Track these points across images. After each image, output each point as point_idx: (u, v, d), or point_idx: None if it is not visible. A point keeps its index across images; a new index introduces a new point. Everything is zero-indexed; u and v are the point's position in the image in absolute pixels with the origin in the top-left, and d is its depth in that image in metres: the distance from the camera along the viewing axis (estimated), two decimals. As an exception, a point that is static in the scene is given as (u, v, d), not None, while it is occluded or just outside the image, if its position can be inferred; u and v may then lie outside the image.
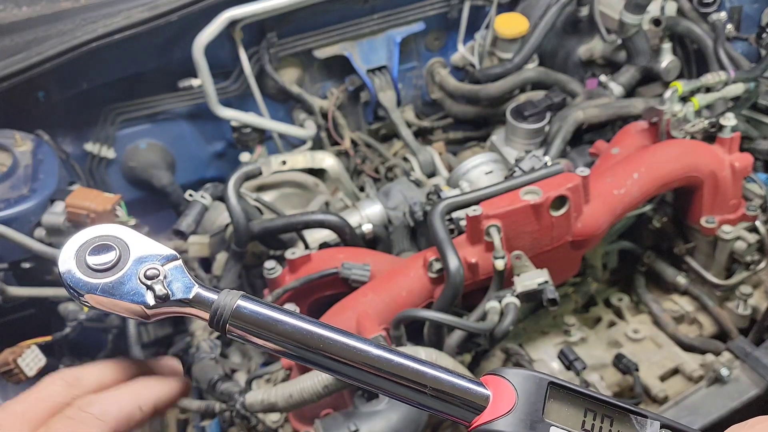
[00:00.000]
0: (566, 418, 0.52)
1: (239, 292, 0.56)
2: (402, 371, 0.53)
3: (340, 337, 0.54)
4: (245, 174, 1.84)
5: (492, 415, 0.52)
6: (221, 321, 0.54)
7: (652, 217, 1.97)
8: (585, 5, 2.33)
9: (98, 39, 1.89)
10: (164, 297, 0.54)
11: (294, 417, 1.54)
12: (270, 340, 0.54)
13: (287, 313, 0.55)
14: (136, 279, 0.54)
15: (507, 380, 0.53)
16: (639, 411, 0.52)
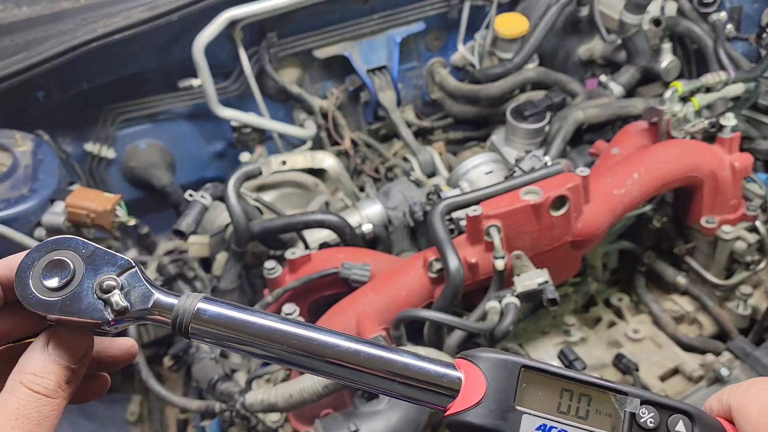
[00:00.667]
0: (541, 402, 0.51)
1: (200, 295, 0.54)
2: (370, 362, 0.52)
3: (305, 332, 0.53)
4: (245, 174, 1.84)
5: (462, 405, 0.51)
6: (182, 326, 0.53)
7: (652, 217, 1.97)
8: (585, 5, 2.33)
9: (98, 39, 1.89)
10: (122, 310, 0.52)
11: (294, 417, 1.54)
12: (234, 341, 0.53)
13: (251, 312, 0.54)
14: (92, 293, 0.52)
15: (477, 367, 0.52)
16: (618, 388, 0.51)
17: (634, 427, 0.50)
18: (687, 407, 0.51)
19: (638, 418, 0.50)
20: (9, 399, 0.49)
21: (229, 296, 1.85)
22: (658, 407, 0.51)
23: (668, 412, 0.51)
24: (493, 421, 0.50)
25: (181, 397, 1.62)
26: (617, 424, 0.50)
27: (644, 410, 0.51)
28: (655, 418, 0.51)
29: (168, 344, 1.95)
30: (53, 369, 0.50)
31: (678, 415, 0.51)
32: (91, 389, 0.59)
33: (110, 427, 1.94)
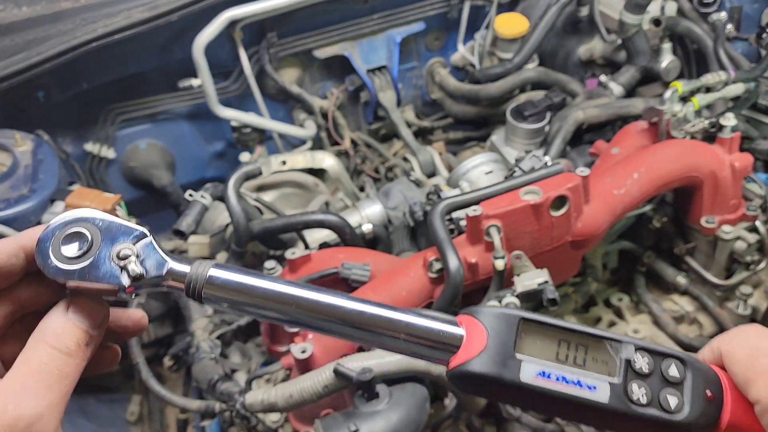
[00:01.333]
0: (539, 350, 0.52)
1: (211, 261, 0.57)
2: (375, 322, 0.54)
3: (311, 295, 0.55)
4: (245, 174, 1.84)
5: (465, 356, 0.52)
6: (196, 291, 0.56)
7: (652, 217, 1.97)
8: (585, 5, 2.33)
9: (98, 39, 1.89)
10: (138, 276, 0.55)
11: (294, 417, 1.54)
12: (244, 304, 0.55)
13: (259, 277, 0.56)
14: (110, 261, 0.55)
15: (478, 320, 0.54)
16: (613, 336, 0.53)
17: (630, 372, 0.52)
18: (680, 354, 0.53)
19: (633, 363, 0.52)
20: (31, 355, 0.51)
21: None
22: (651, 353, 0.53)
23: (661, 357, 0.53)
24: (494, 369, 0.51)
25: (181, 397, 1.62)
26: (614, 370, 0.52)
27: (639, 356, 0.53)
28: (649, 363, 0.53)
29: (168, 344, 1.95)
30: (73, 331, 0.53)
31: (671, 359, 0.53)
32: (103, 359, 0.61)
33: (110, 427, 1.94)
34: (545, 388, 0.51)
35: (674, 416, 0.51)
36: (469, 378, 0.52)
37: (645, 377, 0.52)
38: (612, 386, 0.51)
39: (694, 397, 0.52)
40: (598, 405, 0.51)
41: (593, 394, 0.51)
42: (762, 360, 0.51)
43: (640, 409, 0.51)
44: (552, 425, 1.69)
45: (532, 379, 0.51)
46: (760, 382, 0.50)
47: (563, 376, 0.51)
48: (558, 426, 1.68)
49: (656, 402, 0.51)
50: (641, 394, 0.51)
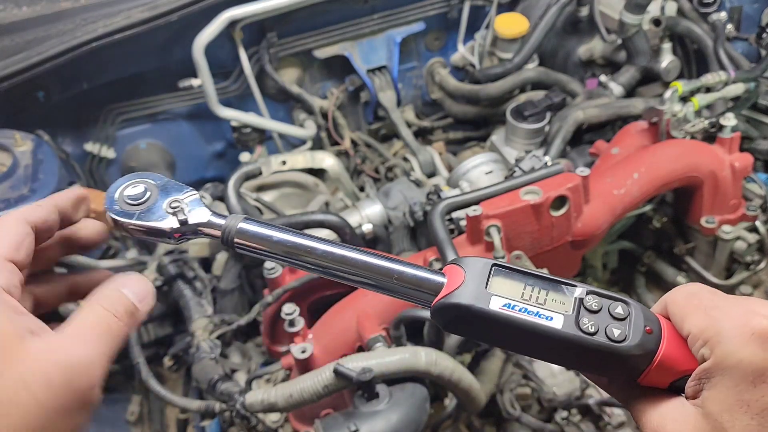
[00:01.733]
0: (507, 289, 0.62)
1: (243, 216, 0.69)
2: (373, 268, 0.65)
3: (324, 246, 0.66)
4: (245, 174, 1.84)
5: (445, 293, 0.63)
6: (229, 239, 0.67)
7: (652, 217, 1.97)
8: (585, 5, 2.33)
9: (98, 39, 1.89)
10: (184, 221, 0.68)
11: (294, 417, 1.54)
12: (267, 252, 0.67)
13: (281, 230, 0.67)
14: (163, 209, 0.68)
15: (459, 266, 0.64)
16: (568, 282, 0.63)
17: (582, 309, 0.61)
18: (625, 297, 0.63)
19: (585, 302, 0.62)
20: (87, 314, 0.60)
21: (229, 296, 1.85)
22: (601, 296, 0.63)
23: (609, 300, 0.62)
24: (468, 300, 0.61)
25: (181, 397, 1.62)
26: (569, 308, 0.62)
27: (590, 297, 0.62)
28: (598, 303, 0.62)
29: (168, 344, 1.95)
30: (123, 300, 0.63)
31: (618, 302, 0.62)
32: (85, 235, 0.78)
33: (110, 427, 1.94)
34: (509, 316, 0.61)
35: (618, 344, 0.59)
36: (446, 309, 0.62)
37: (594, 313, 0.61)
38: (565, 317, 0.61)
39: (635, 330, 0.60)
40: (552, 331, 0.60)
41: (549, 323, 0.60)
42: (695, 300, 0.60)
43: (588, 336, 0.60)
44: (551, 425, 1.69)
45: (498, 308, 0.61)
46: (692, 317, 0.59)
47: (525, 308, 0.61)
48: (558, 426, 1.68)
49: (603, 332, 0.60)
50: (590, 325, 0.60)
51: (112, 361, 0.60)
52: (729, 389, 0.54)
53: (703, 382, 0.56)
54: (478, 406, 1.55)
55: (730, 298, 0.59)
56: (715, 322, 0.56)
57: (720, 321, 0.56)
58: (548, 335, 0.60)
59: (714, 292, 0.60)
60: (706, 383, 0.56)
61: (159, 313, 1.96)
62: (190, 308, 1.77)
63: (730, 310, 0.57)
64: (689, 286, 0.62)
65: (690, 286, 0.63)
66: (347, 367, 1.33)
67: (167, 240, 0.69)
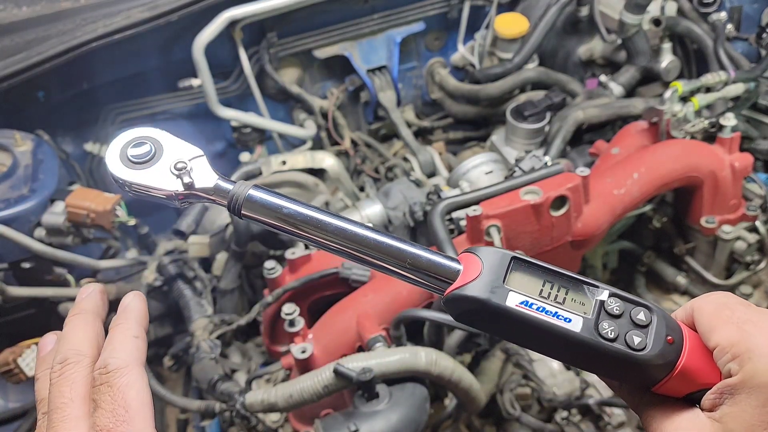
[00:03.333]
0: (525, 285, 0.59)
1: (251, 183, 0.64)
2: (386, 249, 0.62)
3: (333, 220, 0.62)
4: (245, 174, 1.84)
5: (460, 284, 0.60)
6: (236, 206, 0.63)
7: (652, 217, 1.97)
8: (585, 5, 2.33)
9: (98, 39, 1.89)
10: (189, 185, 0.64)
11: (294, 417, 1.54)
12: (276, 221, 0.63)
13: (290, 200, 0.63)
14: (168, 170, 0.64)
15: (476, 255, 0.61)
16: (591, 282, 0.60)
17: (602, 312, 0.59)
18: (649, 303, 0.60)
19: (606, 305, 0.59)
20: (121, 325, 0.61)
21: (229, 296, 1.85)
22: (623, 300, 0.60)
23: (632, 305, 0.60)
24: (484, 294, 0.58)
25: (181, 397, 1.62)
26: (588, 309, 0.59)
27: (612, 300, 0.59)
28: (620, 307, 0.59)
29: (168, 344, 1.95)
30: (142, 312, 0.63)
31: (640, 307, 0.59)
32: None
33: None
34: (526, 315, 0.58)
35: (637, 353, 0.57)
36: (461, 301, 0.59)
37: (615, 317, 0.58)
38: (585, 320, 0.58)
39: (657, 339, 0.58)
40: (570, 334, 0.57)
41: (567, 325, 0.58)
42: (725, 312, 0.57)
43: (607, 342, 0.57)
44: (551, 425, 1.69)
45: (515, 306, 0.58)
46: (720, 330, 0.56)
47: (543, 308, 0.58)
48: (558, 426, 1.68)
49: (622, 339, 0.58)
50: (610, 330, 0.58)
51: None
52: (754, 408, 0.52)
53: (725, 397, 0.54)
54: (478, 406, 1.55)
55: (764, 312, 0.56)
56: (747, 338, 0.54)
57: (753, 337, 0.54)
58: (565, 337, 0.58)
59: (746, 304, 0.57)
60: (729, 399, 0.54)
61: (159, 313, 1.96)
62: (190, 308, 1.77)
63: (765, 325, 0.54)
64: (719, 296, 0.59)
65: (720, 295, 0.59)
66: (347, 367, 1.33)
67: (170, 202, 0.65)
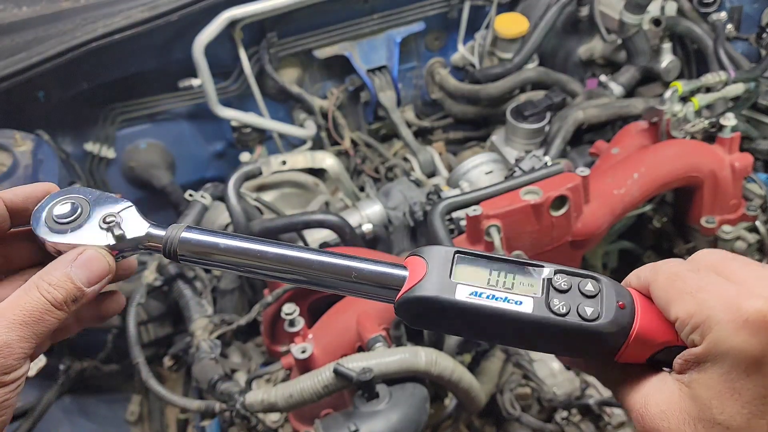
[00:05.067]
0: (472, 277, 0.60)
1: (184, 225, 0.63)
2: (330, 267, 0.62)
3: (276, 250, 0.62)
4: (245, 174, 1.84)
5: (408, 286, 0.60)
6: (171, 251, 0.62)
7: (652, 217, 1.97)
8: (585, 5, 2.33)
9: (98, 39, 1.89)
10: (120, 237, 0.62)
11: (294, 417, 1.54)
12: (215, 261, 0.63)
13: (226, 236, 0.63)
14: (97, 225, 0.63)
15: (420, 256, 0.61)
16: (535, 263, 0.61)
17: (551, 289, 0.59)
18: (593, 273, 0.60)
19: (554, 282, 0.59)
20: (22, 295, 0.58)
21: (229, 296, 1.85)
22: (569, 274, 0.60)
23: (578, 277, 0.60)
24: (433, 292, 0.59)
25: (181, 397, 1.62)
26: (537, 290, 0.59)
27: (558, 276, 0.60)
28: (567, 282, 0.59)
29: (168, 344, 1.95)
30: (66, 285, 0.59)
31: (587, 279, 0.60)
32: (106, 307, 0.68)
33: (110, 427, 1.94)
34: (477, 305, 0.58)
35: (591, 323, 0.58)
36: (411, 303, 0.59)
37: (564, 292, 0.59)
38: (535, 300, 0.58)
39: (608, 306, 0.58)
40: (523, 316, 0.58)
41: (519, 308, 0.58)
42: (678, 283, 0.56)
43: (560, 318, 0.58)
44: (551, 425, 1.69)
45: (465, 298, 0.58)
46: (677, 302, 0.55)
47: (492, 295, 0.58)
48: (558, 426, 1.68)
49: (575, 312, 0.58)
50: (561, 305, 0.58)
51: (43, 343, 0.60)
52: (720, 376, 0.52)
53: (691, 365, 0.55)
54: (478, 406, 1.55)
55: (712, 277, 0.56)
56: (704, 307, 0.54)
57: (709, 305, 0.53)
58: (519, 320, 0.58)
59: (696, 270, 0.57)
60: (695, 366, 0.54)
61: (159, 313, 1.96)
62: (190, 308, 1.77)
63: (719, 291, 0.54)
64: (669, 266, 0.59)
65: (670, 265, 0.59)
66: (347, 367, 1.33)
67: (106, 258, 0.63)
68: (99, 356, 1.93)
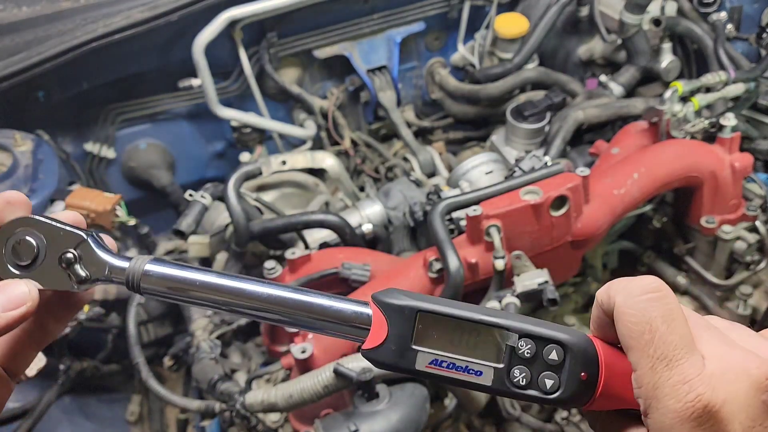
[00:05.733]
0: (434, 340, 0.59)
1: (149, 257, 0.62)
2: (295, 305, 0.61)
3: (237, 284, 0.61)
4: (245, 174, 1.84)
5: (372, 343, 0.59)
6: (134, 284, 0.61)
7: (652, 217, 1.97)
8: (585, 5, 2.33)
9: (98, 39, 1.89)
10: (83, 279, 0.61)
11: (294, 417, 1.54)
12: (179, 295, 0.62)
13: (192, 270, 0.62)
14: (57, 266, 0.60)
15: (382, 313, 0.60)
16: (500, 324, 0.59)
17: (514, 358, 0.58)
18: (560, 337, 0.58)
19: (517, 350, 0.58)
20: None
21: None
22: (535, 339, 0.58)
23: (544, 343, 0.58)
24: (393, 360, 0.59)
25: (181, 397, 1.62)
26: (500, 356, 0.58)
27: (522, 343, 0.58)
28: (531, 349, 0.58)
29: (168, 344, 1.95)
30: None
31: (553, 345, 0.58)
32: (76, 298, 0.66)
33: (110, 427, 1.94)
34: (437, 375, 0.59)
35: (550, 396, 0.57)
36: (374, 361, 0.60)
37: (526, 361, 0.58)
38: (495, 371, 0.58)
39: (570, 379, 0.57)
40: (482, 387, 0.59)
41: (478, 379, 0.58)
42: (646, 335, 0.52)
43: (519, 390, 0.58)
44: (551, 425, 1.69)
45: (424, 367, 0.59)
46: (638, 359, 0.52)
47: (453, 364, 0.58)
48: (558, 426, 1.68)
49: (535, 384, 0.58)
50: (522, 378, 0.58)
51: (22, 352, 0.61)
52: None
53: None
54: (478, 406, 1.55)
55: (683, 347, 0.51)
56: (655, 384, 0.50)
57: (661, 383, 0.50)
58: (480, 388, 0.58)
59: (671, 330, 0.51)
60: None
61: (159, 313, 1.96)
62: (189, 308, 1.77)
63: (677, 371, 0.50)
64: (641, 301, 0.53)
65: (642, 300, 0.53)
66: (347, 367, 1.33)
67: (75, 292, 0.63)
68: (99, 356, 1.93)
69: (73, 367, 1.80)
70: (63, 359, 1.79)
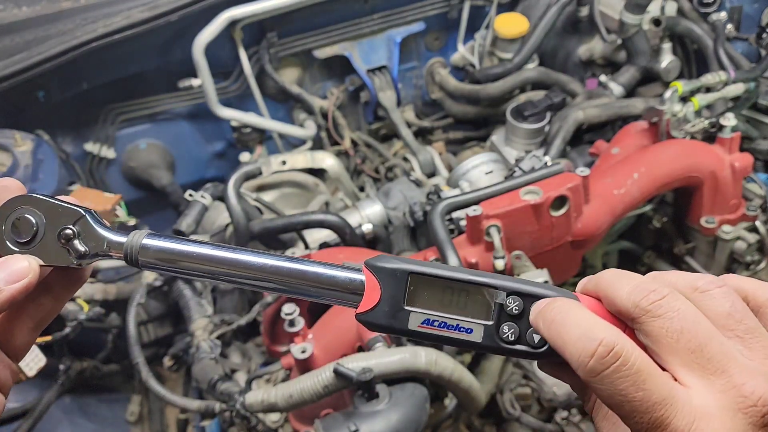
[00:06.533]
0: (425, 301, 0.61)
1: (146, 231, 0.63)
2: (290, 273, 0.62)
3: (234, 254, 0.62)
4: (245, 174, 1.84)
5: (365, 306, 0.61)
6: (133, 258, 0.62)
7: (652, 217, 1.97)
8: (585, 5, 2.33)
9: (98, 39, 1.89)
10: (83, 254, 0.62)
11: (294, 417, 1.54)
12: (175, 266, 0.63)
13: (187, 242, 0.63)
14: (56, 242, 0.61)
15: (375, 276, 0.62)
16: (488, 282, 0.60)
17: (503, 315, 0.60)
18: (546, 293, 0.60)
19: (506, 307, 0.60)
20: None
21: (229, 296, 1.85)
22: (522, 296, 0.60)
23: (531, 299, 0.60)
24: (386, 321, 0.61)
25: (181, 397, 1.62)
26: (489, 313, 0.60)
27: (510, 300, 0.60)
28: (519, 306, 0.60)
29: (168, 344, 1.95)
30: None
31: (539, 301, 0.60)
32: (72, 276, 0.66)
33: (110, 427, 1.94)
34: (429, 334, 0.61)
35: (538, 350, 0.59)
36: (368, 323, 0.61)
37: (515, 318, 0.60)
38: (485, 328, 0.60)
39: None
40: (472, 344, 0.60)
41: (469, 336, 0.60)
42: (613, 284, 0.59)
43: (508, 345, 0.60)
44: (551, 425, 1.69)
45: (417, 327, 0.61)
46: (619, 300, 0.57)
47: (444, 323, 0.60)
48: (558, 426, 1.68)
49: (524, 339, 0.59)
50: (510, 334, 0.59)
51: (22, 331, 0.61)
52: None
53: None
54: (478, 406, 1.55)
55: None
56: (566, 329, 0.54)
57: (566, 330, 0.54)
58: (470, 345, 0.60)
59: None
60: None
61: (159, 313, 1.96)
62: (190, 308, 1.77)
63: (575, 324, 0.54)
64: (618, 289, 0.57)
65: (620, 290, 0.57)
66: (347, 367, 1.33)
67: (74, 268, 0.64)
68: (99, 356, 1.93)
69: (73, 367, 1.81)
70: (63, 359, 1.80)
